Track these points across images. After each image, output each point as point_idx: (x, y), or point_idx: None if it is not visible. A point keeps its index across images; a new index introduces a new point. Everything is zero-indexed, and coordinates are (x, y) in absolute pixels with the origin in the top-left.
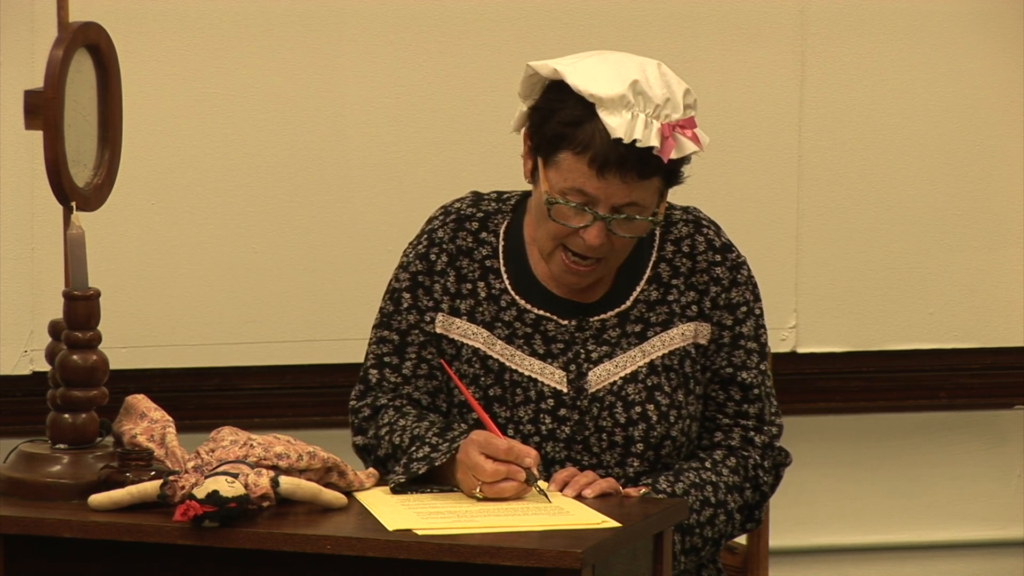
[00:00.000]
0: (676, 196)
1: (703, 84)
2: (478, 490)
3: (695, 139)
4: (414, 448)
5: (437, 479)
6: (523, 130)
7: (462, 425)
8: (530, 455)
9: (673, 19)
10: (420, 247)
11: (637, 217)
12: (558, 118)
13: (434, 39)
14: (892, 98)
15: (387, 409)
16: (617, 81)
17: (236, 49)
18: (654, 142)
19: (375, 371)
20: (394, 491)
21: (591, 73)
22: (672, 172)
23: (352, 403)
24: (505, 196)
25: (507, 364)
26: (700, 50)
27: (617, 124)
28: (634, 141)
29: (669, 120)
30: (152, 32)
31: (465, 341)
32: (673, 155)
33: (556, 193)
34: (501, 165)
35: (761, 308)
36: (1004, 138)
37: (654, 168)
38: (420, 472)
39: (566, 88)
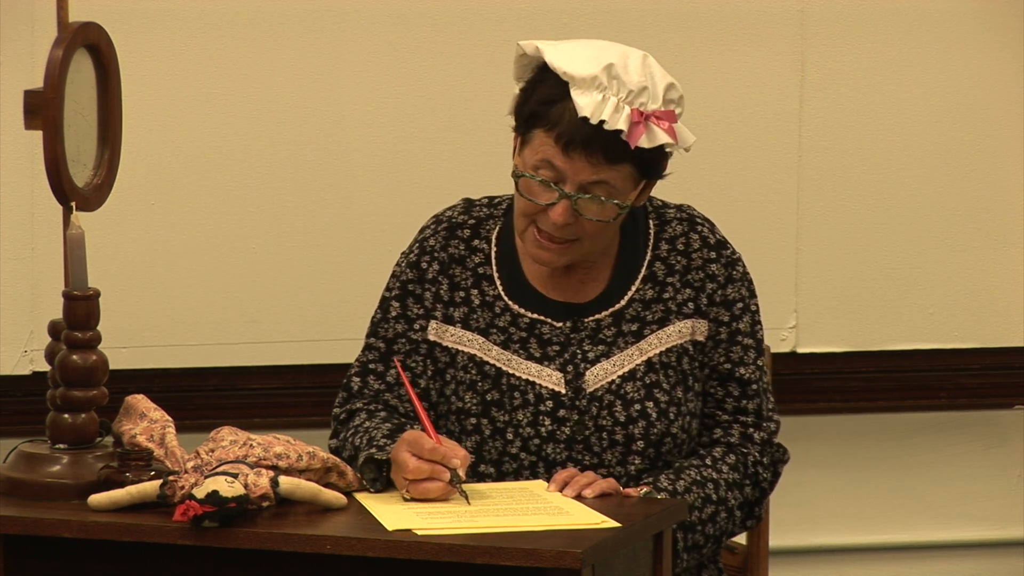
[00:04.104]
0: (675, 195)
1: (703, 84)
2: (406, 490)
3: (671, 132)
4: (363, 449)
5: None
6: None
7: (415, 427)
8: (458, 456)
9: (673, 19)
10: (411, 256)
11: (603, 199)
12: (536, 96)
13: (434, 39)
14: (892, 98)
15: (360, 413)
16: (593, 63)
17: (236, 49)
18: (622, 126)
19: (358, 379)
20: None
21: (570, 53)
22: (648, 163)
23: (335, 410)
24: (496, 201)
25: (504, 369)
26: (700, 50)
27: (586, 103)
28: (601, 122)
29: (644, 108)
30: (152, 32)
31: (460, 348)
32: (644, 143)
33: (527, 168)
34: (500, 166)
35: (757, 305)
36: (1004, 138)
37: (623, 153)
38: (360, 464)
39: (548, 68)
